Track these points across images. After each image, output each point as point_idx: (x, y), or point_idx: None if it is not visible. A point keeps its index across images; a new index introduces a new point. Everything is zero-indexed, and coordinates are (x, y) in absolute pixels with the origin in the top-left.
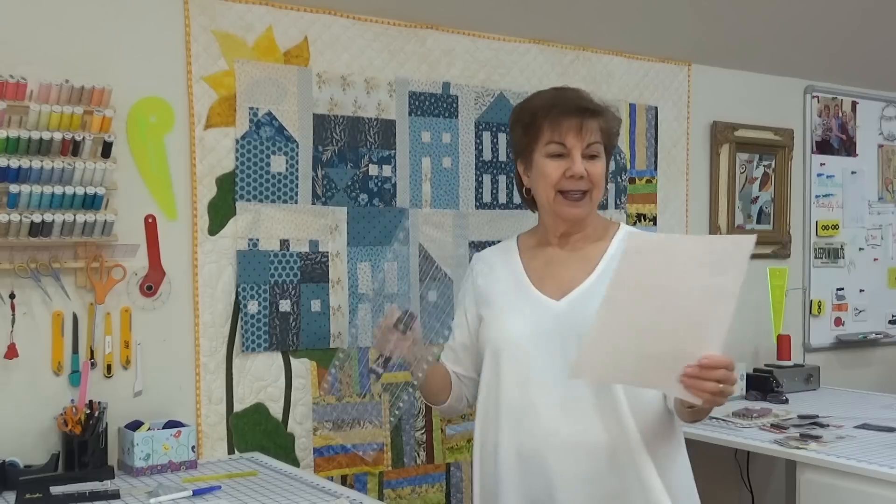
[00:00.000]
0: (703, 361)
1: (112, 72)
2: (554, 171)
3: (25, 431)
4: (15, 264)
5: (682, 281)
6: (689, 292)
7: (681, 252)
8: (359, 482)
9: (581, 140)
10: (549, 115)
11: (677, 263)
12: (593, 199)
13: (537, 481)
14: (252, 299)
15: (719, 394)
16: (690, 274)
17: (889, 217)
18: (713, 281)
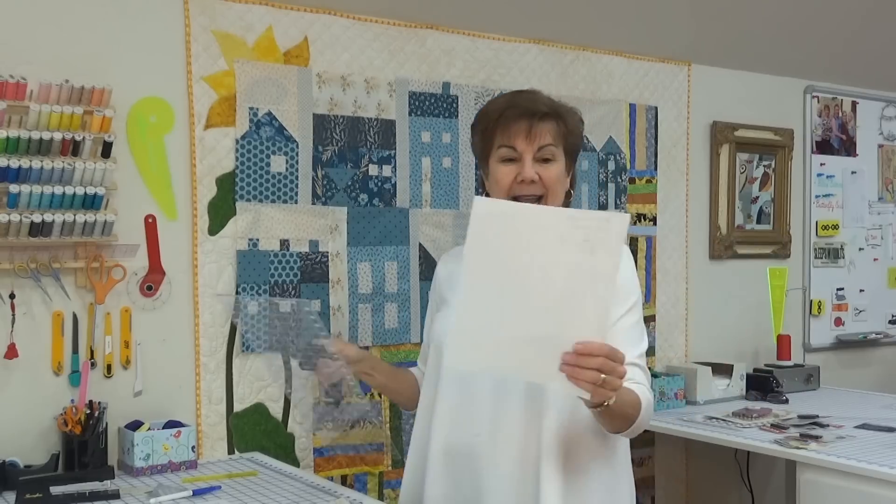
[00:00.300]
0: (578, 347)
1: (112, 72)
2: (505, 176)
3: (25, 431)
4: (15, 264)
5: (544, 255)
6: (552, 268)
7: (538, 223)
8: (359, 482)
9: (531, 144)
10: (500, 119)
11: (535, 235)
12: (549, 204)
13: (463, 480)
14: (252, 299)
15: (602, 385)
16: (551, 248)
17: (889, 217)
18: (580, 259)
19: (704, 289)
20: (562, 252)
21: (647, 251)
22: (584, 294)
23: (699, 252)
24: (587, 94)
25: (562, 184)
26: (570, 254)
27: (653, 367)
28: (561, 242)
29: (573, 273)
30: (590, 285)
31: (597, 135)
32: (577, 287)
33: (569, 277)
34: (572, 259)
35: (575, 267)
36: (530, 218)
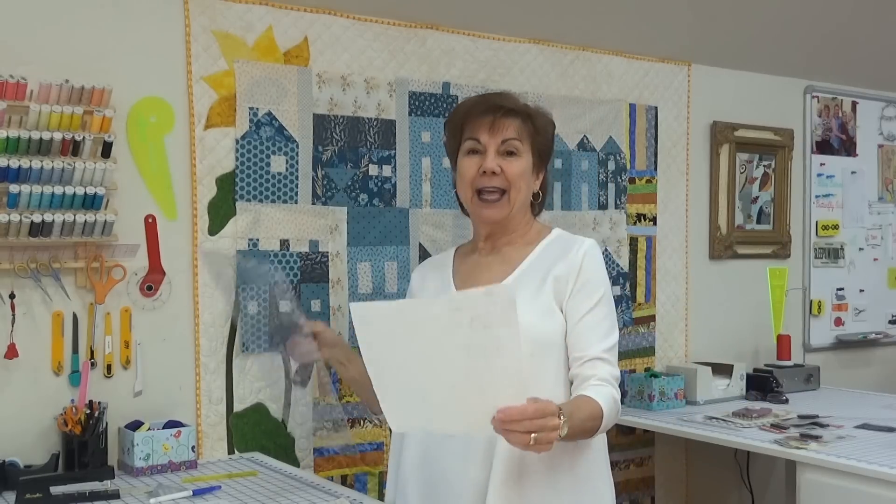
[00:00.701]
0: (499, 416)
1: (112, 72)
2: (468, 168)
3: (25, 431)
4: (15, 264)
5: (437, 342)
6: (449, 351)
7: (418, 317)
8: (359, 482)
9: (494, 136)
10: (467, 115)
11: (420, 327)
12: (511, 199)
13: (435, 484)
14: (252, 299)
15: (535, 444)
16: (441, 335)
17: (889, 217)
18: (475, 336)
19: (704, 289)
20: (452, 336)
21: (647, 251)
22: (489, 365)
23: (699, 252)
24: (587, 94)
25: (526, 181)
26: (461, 336)
27: (652, 367)
28: (450, 327)
29: (473, 351)
30: (494, 357)
31: (597, 135)
32: (478, 362)
33: (469, 354)
34: (465, 340)
35: (472, 344)
36: (409, 314)
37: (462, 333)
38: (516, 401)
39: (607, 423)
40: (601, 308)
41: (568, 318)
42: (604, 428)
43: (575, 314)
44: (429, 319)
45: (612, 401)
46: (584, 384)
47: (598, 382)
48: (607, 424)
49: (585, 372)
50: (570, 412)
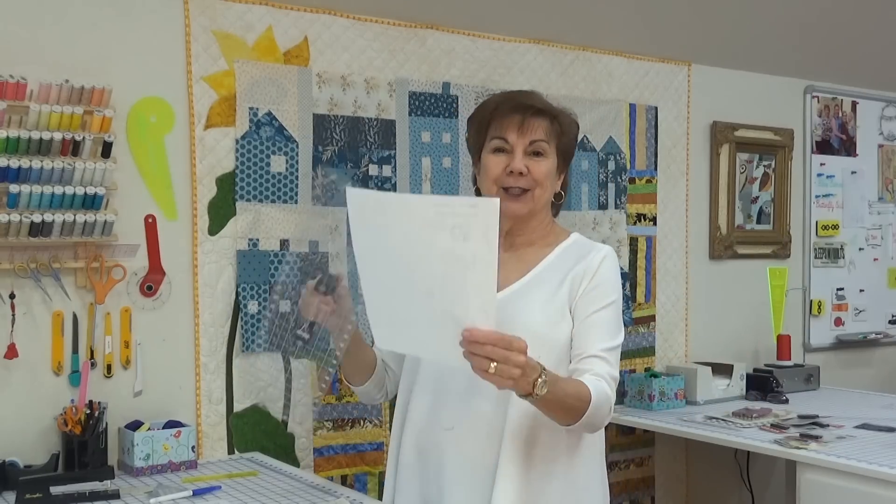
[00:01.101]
0: (465, 334)
1: (112, 72)
2: (495, 166)
3: (25, 431)
4: (15, 264)
5: (416, 241)
6: (426, 254)
7: (405, 211)
8: (359, 482)
9: (523, 137)
10: (494, 112)
11: (405, 223)
12: (536, 197)
13: (430, 476)
14: (252, 299)
15: (495, 373)
16: (422, 235)
17: (889, 217)
18: (453, 245)
19: (704, 289)
20: (433, 238)
21: (647, 251)
22: (463, 279)
23: (699, 252)
24: (587, 94)
25: (551, 182)
26: (441, 240)
27: (652, 367)
28: (430, 229)
29: (447, 258)
30: (469, 270)
31: (597, 135)
32: (454, 272)
33: (444, 262)
34: (444, 245)
35: (448, 252)
36: (397, 206)
37: (442, 238)
38: (484, 323)
39: (592, 414)
40: (609, 311)
41: (574, 318)
42: (588, 418)
43: (581, 313)
44: (415, 215)
45: (604, 395)
46: (581, 376)
47: (594, 377)
48: (592, 415)
49: (582, 367)
50: (553, 378)
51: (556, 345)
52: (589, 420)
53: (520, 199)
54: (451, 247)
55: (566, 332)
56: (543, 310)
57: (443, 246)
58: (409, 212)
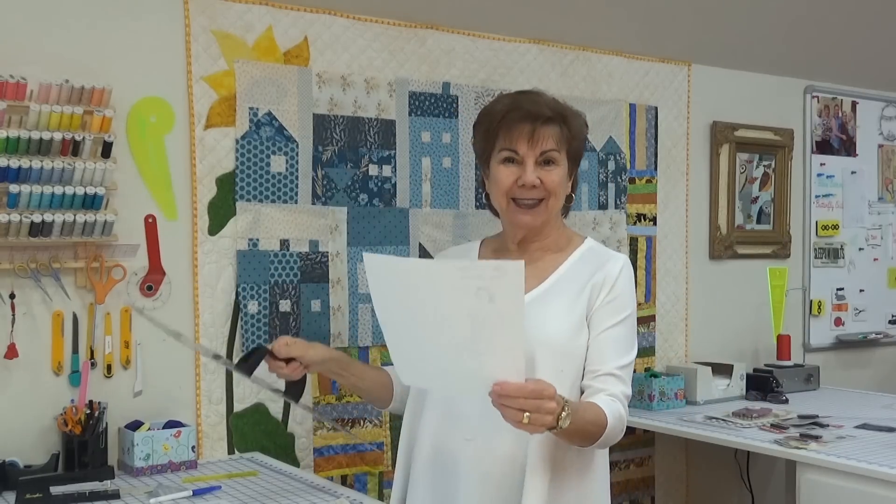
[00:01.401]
0: (496, 389)
1: (112, 72)
2: (506, 178)
3: (25, 431)
4: (15, 264)
5: (442, 304)
6: (453, 316)
7: (428, 276)
8: (359, 482)
9: (534, 148)
10: (503, 121)
11: (429, 287)
12: (549, 207)
13: (442, 485)
14: (252, 299)
15: (529, 423)
16: (448, 298)
17: (889, 217)
18: (479, 306)
19: (704, 289)
20: (459, 301)
21: (647, 251)
22: (491, 337)
23: (699, 252)
24: (587, 94)
25: (563, 188)
26: (467, 302)
27: (653, 367)
28: (456, 292)
29: (476, 319)
30: (497, 330)
31: (597, 135)
32: (483, 332)
33: (473, 323)
34: (471, 307)
35: (476, 313)
36: (420, 272)
37: (468, 301)
38: (514, 377)
39: (608, 437)
40: (623, 326)
41: (590, 329)
42: (604, 441)
43: (597, 327)
44: (437, 281)
45: (618, 418)
46: (594, 396)
47: (609, 398)
48: (608, 438)
49: (597, 385)
50: (574, 408)
51: (577, 356)
52: (604, 442)
53: (533, 210)
54: (478, 308)
55: (585, 343)
56: (564, 320)
57: (469, 307)
58: (432, 277)
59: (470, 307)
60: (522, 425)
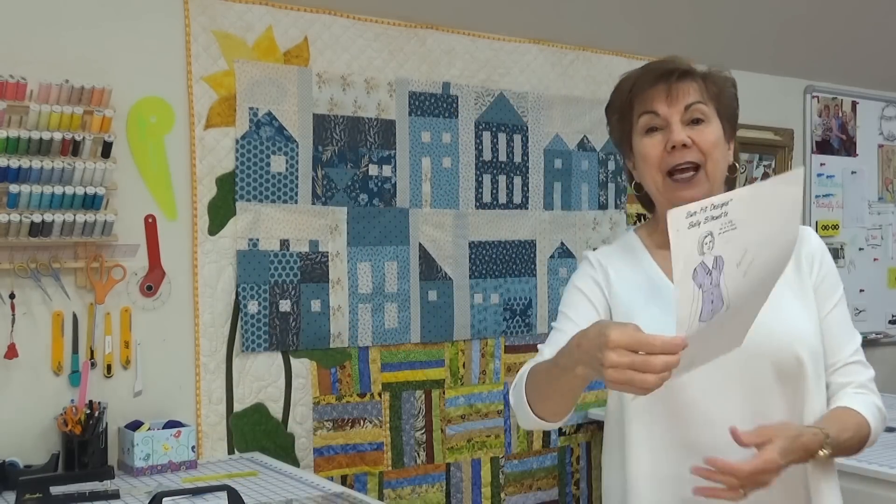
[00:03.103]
0: (710, 463)
1: (112, 72)
2: (652, 148)
3: (25, 431)
4: (15, 264)
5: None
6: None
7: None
8: (359, 482)
9: (675, 103)
10: (634, 88)
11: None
12: (709, 174)
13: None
14: (252, 299)
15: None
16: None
17: (889, 217)
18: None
19: None
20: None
21: None
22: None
23: None
24: (587, 94)
25: (721, 152)
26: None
27: None
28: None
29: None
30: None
31: (597, 135)
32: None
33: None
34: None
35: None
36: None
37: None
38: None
39: (874, 437)
40: (844, 304)
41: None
42: (871, 442)
43: (822, 309)
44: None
45: (877, 410)
46: (842, 392)
47: (859, 390)
48: (874, 438)
49: (840, 379)
50: (836, 434)
51: (820, 353)
52: (870, 445)
53: (691, 182)
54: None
55: (818, 332)
56: (802, 313)
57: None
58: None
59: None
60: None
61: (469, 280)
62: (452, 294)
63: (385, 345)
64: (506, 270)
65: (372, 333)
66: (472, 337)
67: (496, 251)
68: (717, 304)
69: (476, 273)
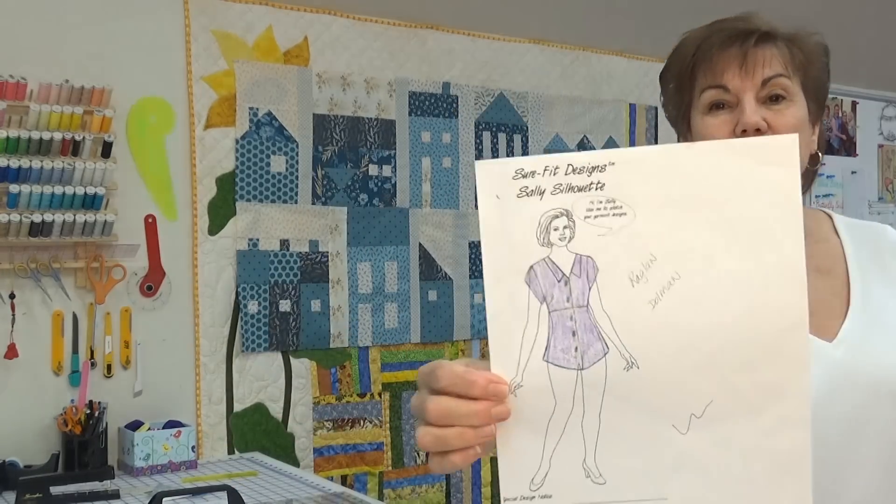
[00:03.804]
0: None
1: (112, 72)
2: (717, 129)
3: (25, 431)
4: (15, 264)
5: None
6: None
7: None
8: (359, 482)
9: (751, 76)
10: (700, 53)
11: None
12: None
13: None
14: (252, 299)
15: None
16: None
17: (889, 217)
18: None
19: None
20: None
21: None
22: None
23: None
24: (587, 94)
25: (805, 139)
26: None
27: None
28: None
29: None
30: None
31: (597, 135)
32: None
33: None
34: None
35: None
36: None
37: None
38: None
39: None
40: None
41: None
42: None
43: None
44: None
45: None
46: None
47: None
48: None
49: None
50: None
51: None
52: None
53: None
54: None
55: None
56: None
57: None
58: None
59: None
60: None
61: (469, 280)
62: (452, 294)
63: (385, 345)
64: None
65: (372, 333)
66: (472, 337)
67: None
68: (590, 342)
69: (476, 273)
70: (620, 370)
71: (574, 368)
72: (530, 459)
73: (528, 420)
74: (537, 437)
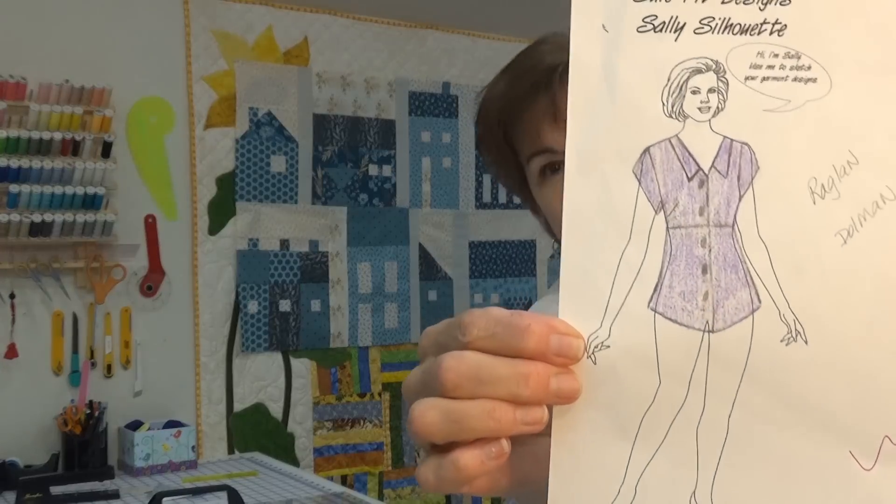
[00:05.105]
0: None
1: (112, 72)
2: (558, 200)
3: (25, 431)
4: (15, 264)
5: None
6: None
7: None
8: (359, 482)
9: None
10: (505, 118)
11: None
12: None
13: None
14: (252, 299)
15: None
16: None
17: None
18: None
19: None
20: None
21: None
22: None
23: None
24: None
25: None
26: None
27: None
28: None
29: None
30: None
31: None
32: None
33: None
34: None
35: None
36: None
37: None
38: None
39: None
40: None
41: None
42: None
43: None
44: None
45: None
46: None
47: None
48: None
49: None
50: None
51: None
52: None
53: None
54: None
55: None
56: None
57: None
58: None
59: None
60: None
61: (469, 280)
62: (452, 294)
63: (385, 345)
64: (506, 270)
65: (372, 333)
66: None
67: (496, 251)
68: (731, 288)
69: (476, 273)
70: (776, 342)
71: (698, 329)
72: (605, 479)
73: (608, 407)
74: (621, 440)
